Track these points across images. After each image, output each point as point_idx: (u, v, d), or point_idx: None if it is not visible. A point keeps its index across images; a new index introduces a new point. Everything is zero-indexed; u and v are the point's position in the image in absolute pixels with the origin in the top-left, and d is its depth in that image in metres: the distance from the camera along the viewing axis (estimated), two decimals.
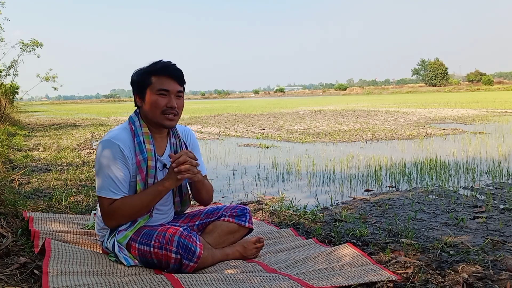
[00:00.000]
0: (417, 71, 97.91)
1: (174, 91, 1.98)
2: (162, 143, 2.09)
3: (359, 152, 6.37)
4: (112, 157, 1.91)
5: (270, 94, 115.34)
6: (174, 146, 2.11)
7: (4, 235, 2.32)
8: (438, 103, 23.46)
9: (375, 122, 11.83)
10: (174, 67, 2.00)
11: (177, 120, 2.04)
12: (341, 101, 35.50)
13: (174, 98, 1.99)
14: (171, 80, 1.98)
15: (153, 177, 1.99)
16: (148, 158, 1.97)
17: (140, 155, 1.96)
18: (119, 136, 1.96)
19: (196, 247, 1.87)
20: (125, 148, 1.94)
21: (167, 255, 1.87)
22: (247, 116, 17.15)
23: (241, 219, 2.18)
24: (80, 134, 10.70)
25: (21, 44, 14.18)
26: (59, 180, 4.38)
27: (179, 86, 2.00)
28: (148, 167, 1.97)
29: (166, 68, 1.98)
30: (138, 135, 1.99)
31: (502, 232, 2.63)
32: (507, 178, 4.29)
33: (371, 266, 2.01)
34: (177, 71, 2.00)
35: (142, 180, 1.97)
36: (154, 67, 1.99)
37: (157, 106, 1.96)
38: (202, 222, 2.20)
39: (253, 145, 7.67)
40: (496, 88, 70.40)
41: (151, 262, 1.94)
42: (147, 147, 1.98)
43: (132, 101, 2.29)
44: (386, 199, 3.55)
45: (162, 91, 1.97)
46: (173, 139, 2.12)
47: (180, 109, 2.03)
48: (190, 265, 1.88)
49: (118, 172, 1.92)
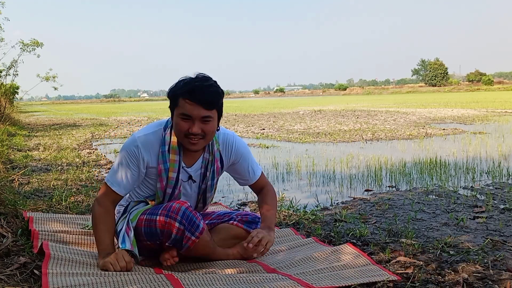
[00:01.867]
0: (417, 71, 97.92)
1: (198, 117, 1.86)
2: (195, 155, 2.03)
3: (359, 152, 6.37)
4: (127, 156, 1.96)
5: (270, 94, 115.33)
6: (206, 161, 2.05)
7: (4, 235, 2.32)
8: (438, 103, 23.46)
9: (375, 122, 11.83)
10: (202, 91, 1.84)
11: (203, 143, 1.94)
12: (341, 101, 35.50)
13: (199, 123, 1.87)
14: (195, 105, 1.84)
15: (172, 188, 2.00)
16: (170, 169, 1.96)
17: (162, 164, 1.96)
18: (146, 138, 1.97)
19: (200, 223, 1.88)
20: (145, 151, 1.95)
21: (170, 224, 1.87)
22: (247, 116, 17.16)
23: (251, 226, 2.16)
24: (80, 134, 10.70)
25: (21, 44, 14.18)
26: (59, 180, 4.38)
27: (205, 111, 1.85)
28: (168, 178, 1.97)
29: (191, 91, 1.84)
30: (165, 143, 1.96)
31: (502, 232, 2.63)
32: (507, 178, 4.29)
33: (371, 266, 2.01)
34: (204, 95, 1.84)
35: (161, 189, 2.00)
36: (181, 89, 1.87)
37: (180, 129, 1.90)
38: (211, 222, 2.20)
39: (253, 145, 7.67)
40: (496, 88, 70.39)
41: (154, 232, 1.92)
42: (171, 158, 1.96)
43: (132, 101, 2.30)
44: (386, 199, 3.55)
45: (184, 116, 1.87)
46: (207, 154, 2.05)
47: (208, 134, 1.91)
48: (192, 238, 1.88)
49: (126, 169, 1.96)
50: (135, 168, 1.97)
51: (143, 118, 17.27)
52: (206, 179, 2.09)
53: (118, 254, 1.88)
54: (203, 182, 2.09)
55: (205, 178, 2.08)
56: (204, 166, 2.06)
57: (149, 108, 32.47)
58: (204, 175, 2.08)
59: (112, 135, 10.35)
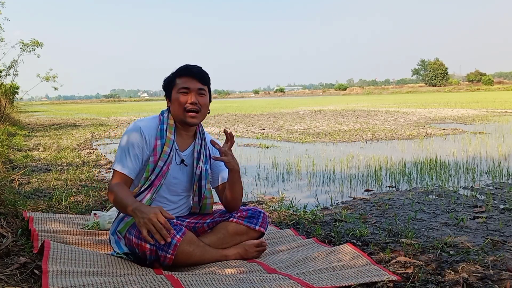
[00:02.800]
0: (417, 71, 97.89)
1: (195, 89, 2.10)
2: (187, 140, 2.20)
3: (359, 152, 6.37)
4: (132, 138, 2.07)
5: (270, 94, 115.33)
6: (198, 146, 2.21)
7: (4, 235, 2.32)
8: (438, 103, 23.46)
9: (375, 122, 11.83)
10: (196, 67, 2.14)
11: (200, 118, 2.12)
12: (341, 101, 35.51)
13: (195, 95, 2.09)
14: (192, 79, 2.10)
15: (164, 162, 2.08)
16: (165, 144, 2.09)
17: (159, 140, 2.09)
18: (145, 121, 2.13)
19: (173, 239, 1.87)
20: (146, 132, 2.08)
21: (142, 245, 1.90)
22: (247, 116, 17.16)
23: (251, 222, 2.17)
24: (80, 134, 10.70)
25: (21, 44, 14.18)
26: (59, 180, 4.38)
27: (200, 84, 2.11)
28: (162, 151, 2.08)
29: (187, 68, 2.13)
30: (163, 123, 2.13)
31: (502, 232, 2.63)
32: (507, 178, 4.29)
33: (371, 266, 2.01)
34: (198, 70, 2.13)
35: (153, 162, 2.07)
36: (177, 70, 2.15)
37: (180, 103, 2.09)
38: (213, 221, 2.20)
39: (253, 145, 7.67)
40: (496, 88, 70.38)
41: (134, 251, 1.99)
42: (168, 135, 2.11)
43: (132, 101, 2.34)
44: (386, 199, 3.55)
45: (183, 89, 2.10)
46: (199, 139, 2.22)
47: (203, 107, 2.12)
48: (167, 256, 1.89)
49: (132, 152, 2.05)
50: (140, 150, 2.07)
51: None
52: (200, 162, 2.18)
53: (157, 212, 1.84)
54: (197, 166, 2.18)
55: (199, 162, 2.18)
56: (197, 151, 2.19)
57: (149, 108, 32.48)
58: (198, 159, 2.18)
59: (112, 135, 10.35)
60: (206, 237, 2.12)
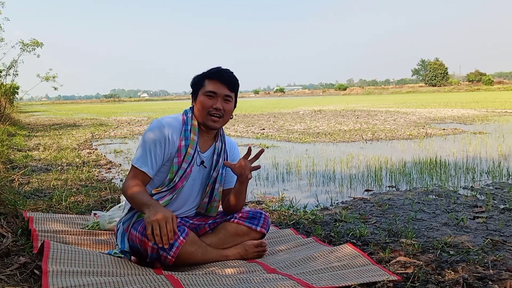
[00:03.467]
0: (417, 71, 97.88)
1: (222, 94, 2.08)
2: (208, 142, 2.19)
3: (359, 152, 6.37)
4: (155, 136, 2.05)
5: (270, 94, 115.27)
6: (218, 148, 2.21)
7: (4, 235, 2.32)
8: (438, 103, 23.46)
9: (375, 122, 11.83)
10: (227, 72, 2.11)
11: (221, 123, 2.12)
12: (341, 101, 35.50)
13: (221, 101, 2.08)
14: (220, 84, 2.08)
15: (188, 164, 2.08)
16: (189, 146, 2.09)
17: (183, 140, 2.09)
18: (169, 120, 2.11)
19: (176, 241, 1.88)
20: (170, 130, 2.07)
21: (145, 242, 1.90)
22: (247, 116, 17.16)
23: (253, 222, 2.17)
24: (80, 134, 10.70)
25: (21, 44, 14.17)
26: (59, 180, 4.38)
27: (228, 90, 2.10)
28: (187, 153, 2.08)
29: (218, 72, 2.10)
30: (187, 124, 2.12)
31: (502, 232, 2.63)
32: (507, 178, 4.29)
33: (371, 266, 2.01)
34: (228, 76, 2.10)
35: (177, 163, 2.07)
36: (208, 71, 2.12)
37: (204, 106, 2.08)
38: (215, 221, 2.21)
39: (253, 145, 7.67)
40: (496, 88, 70.35)
41: (137, 248, 1.98)
42: (192, 137, 2.10)
43: (132, 101, 2.33)
44: (386, 199, 3.55)
45: (210, 93, 2.08)
46: (220, 142, 2.21)
47: (227, 113, 2.12)
48: (168, 257, 1.89)
49: (153, 150, 2.04)
50: (161, 148, 2.05)
51: (143, 118, 17.27)
52: (218, 166, 2.18)
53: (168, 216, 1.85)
54: (215, 169, 2.18)
55: (217, 165, 2.18)
56: (217, 153, 2.19)
57: (149, 108, 32.47)
58: (217, 162, 2.18)
59: (112, 135, 10.35)
60: (207, 238, 2.12)
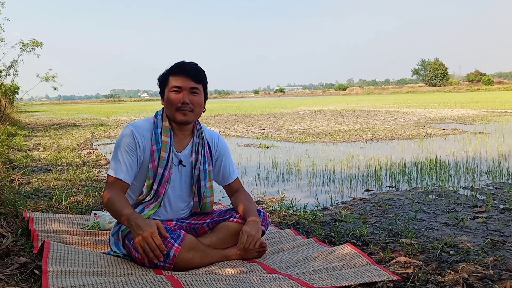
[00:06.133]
0: (417, 71, 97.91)
1: (187, 88, 2.04)
2: (184, 140, 2.15)
3: (359, 152, 6.37)
4: (124, 142, 2.03)
5: (270, 94, 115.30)
6: (196, 145, 2.17)
7: (4, 235, 2.32)
8: (438, 103, 23.46)
9: (375, 122, 11.83)
10: (190, 65, 2.07)
11: (192, 116, 2.08)
12: (341, 101, 35.50)
13: (188, 94, 2.04)
14: (184, 78, 2.04)
15: (164, 167, 2.05)
16: (161, 149, 2.05)
17: (155, 145, 2.05)
18: (138, 124, 2.08)
19: (170, 250, 1.87)
20: (139, 135, 2.04)
21: (140, 258, 1.90)
22: (247, 116, 17.15)
23: None
24: (80, 134, 10.70)
25: (21, 44, 14.16)
26: (59, 180, 4.38)
27: (193, 83, 2.05)
28: (160, 157, 2.04)
29: (180, 66, 2.06)
30: (157, 127, 2.08)
31: (502, 232, 2.63)
32: (507, 178, 4.29)
33: (371, 266, 2.01)
34: (192, 68, 2.06)
35: (152, 169, 2.05)
36: (170, 68, 2.08)
37: (171, 102, 2.05)
38: (213, 221, 2.19)
39: (253, 145, 7.67)
40: (496, 88, 70.36)
41: (135, 259, 1.97)
42: (163, 139, 2.06)
43: (132, 101, 2.33)
44: (386, 199, 3.55)
45: (175, 88, 2.05)
46: (197, 138, 2.17)
47: (196, 106, 2.07)
48: (166, 265, 1.89)
49: (125, 155, 2.02)
50: (133, 154, 2.03)
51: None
52: (198, 163, 2.14)
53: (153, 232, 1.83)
54: (195, 167, 2.14)
55: (197, 163, 2.14)
56: (195, 151, 2.15)
57: (149, 108, 32.45)
58: (196, 160, 2.14)
59: (112, 135, 10.35)
60: (206, 238, 2.11)
